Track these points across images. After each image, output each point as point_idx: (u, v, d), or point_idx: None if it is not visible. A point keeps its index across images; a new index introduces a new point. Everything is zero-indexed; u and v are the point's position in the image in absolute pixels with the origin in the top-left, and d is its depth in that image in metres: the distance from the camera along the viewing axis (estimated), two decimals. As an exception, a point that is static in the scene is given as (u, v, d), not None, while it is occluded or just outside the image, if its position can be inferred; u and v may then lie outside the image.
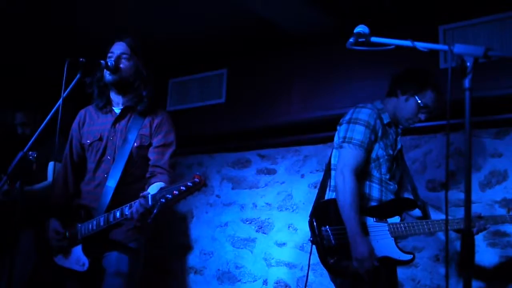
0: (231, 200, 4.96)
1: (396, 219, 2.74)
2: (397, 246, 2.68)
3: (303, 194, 4.51)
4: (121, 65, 2.85)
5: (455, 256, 3.57)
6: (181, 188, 2.29)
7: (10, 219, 3.76)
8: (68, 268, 2.77)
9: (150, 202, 2.38)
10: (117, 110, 2.93)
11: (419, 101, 2.86)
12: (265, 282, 4.53)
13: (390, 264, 2.69)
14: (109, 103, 2.96)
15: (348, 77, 4.16)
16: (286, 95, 4.46)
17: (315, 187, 4.24)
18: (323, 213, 2.78)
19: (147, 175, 2.80)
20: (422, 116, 2.90)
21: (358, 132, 2.79)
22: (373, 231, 2.71)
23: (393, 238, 2.69)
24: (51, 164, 4.07)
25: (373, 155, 2.85)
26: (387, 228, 2.70)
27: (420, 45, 1.88)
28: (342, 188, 2.69)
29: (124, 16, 4.11)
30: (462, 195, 1.74)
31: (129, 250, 2.75)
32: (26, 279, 3.83)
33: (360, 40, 1.98)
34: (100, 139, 2.89)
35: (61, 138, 2.70)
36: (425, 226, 2.75)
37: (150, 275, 5.02)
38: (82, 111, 3.08)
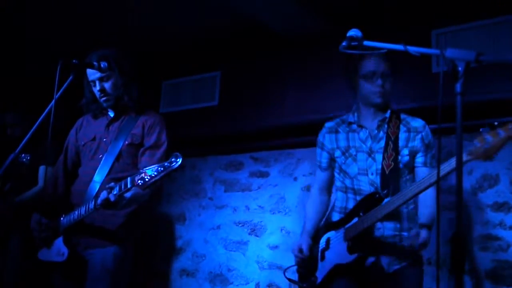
0: (224, 203, 4.96)
1: (355, 220, 2.62)
2: (347, 250, 2.60)
3: (296, 197, 4.52)
4: (107, 89, 2.90)
5: (447, 259, 3.58)
6: (159, 168, 2.30)
7: (0, 221, 3.76)
8: (50, 261, 2.79)
9: (129, 185, 2.39)
10: (111, 114, 3.01)
11: (361, 74, 2.74)
12: (257, 285, 4.53)
13: (342, 271, 2.65)
14: (105, 110, 3.03)
15: (342, 80, 4.17)
16: (279, 98, 4.46)
17: (308, 190, 4.25)
18: None
19: None
20: (378, 82, 2.71)
21: (316, 154, 3.00)
22: (332, 243, 2.73)
23: (346, 243, 2.61)
24: (42, 168, 4.05)
25: (336, 165, 2.88)
26: (342, 235, 2.66)
27: (412, 49, 1.88)
28: None
29: (117, 19, 4.11)
30: (453, 198, 1.74)
31: (115, 248, 2.75)
32: (18, 280, 3.82)
33: (353, 43, 1.99)
34: (94, 139, 2.97)
35: (53, 141, 2.70)
36: (373, 215, 2.52)
37: (142, 278, 5.00)
38: (80, 119, 3.16)
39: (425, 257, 3.76)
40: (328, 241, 2.76)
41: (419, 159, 2.73)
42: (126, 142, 2.85)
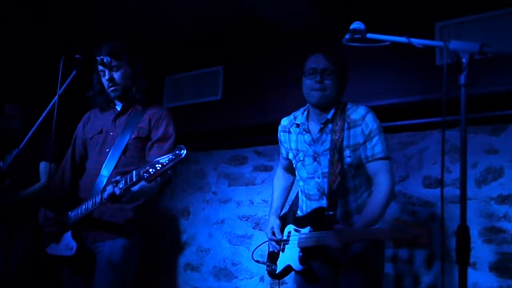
0: (228, 197, 4.96)
1: (306, 229, 2.69)
2: (298, 258, 2.66)
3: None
4: (116, 79, 2.90)
5: (451, 252, 3.58)
6: (163, 161, 2.30)
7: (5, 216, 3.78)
8: (59, 255, 2.80)
9: (134, 178, 2.39)
10: (118, 107, 3.01)
11: (303, 70, 2.72)
12: (261, 278, 4.53)
13: (292, 272, 2.78)
14: (112, 103, 3.03)
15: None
16: (282, 92, 4.45)
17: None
18: None
19: None
20: (317, 78, 2.64)
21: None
22: (291, 240, 2.79)
23: (298, 249, 2.68)
24: (43, 164, 4.04)
25: (295, 168, 2.90)
26: (297, 239, 2.71)
27: (416, 41, 1.88)
28: None
29: (120, 14, 4.10)
30: (458, 192, 1.74)
31: (123, 240, 2.76)
32: (22, 275, 3.83)
33: (356, 36, 1.99)
34: (100, 132, 2.98)
35: (56, 137, 2.70)
36: (323, 238, 2.54)
37: (146, 272, 5.02)
38: (87, 113, 3.18)
39: (429, 250, 3.77)
40: (288, 234, 2.82)
41: (362, 154, 2.62)
42: (133, 136, 2.86)
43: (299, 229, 2.75)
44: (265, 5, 3.86)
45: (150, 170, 2.31)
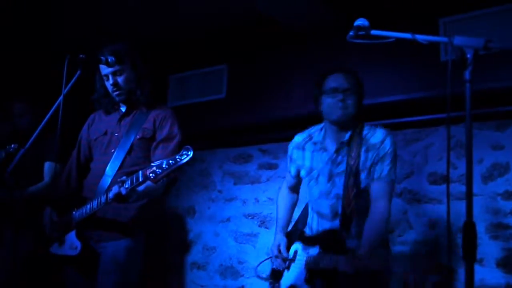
0: (233, 195, 4.96)
1: (315, 250, 2.67)
2: (304, 280, 2.65)
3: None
4: (120, 83, 2.90)
5: (458, 249, 3.57)
6: (170, 162, 2.31)
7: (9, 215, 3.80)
8: (63, 255, 2.81)
9: (140, 178, 2.39)
10: (123, 109, 3.02)
11: (323, 90, 2.72)
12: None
13: None
14: (116, 105, 3.03)
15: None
16: (286, 90, 4.45)
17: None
18: None
19: None
20: (339, 97, 2.65)
21: (287, 161, 3.05)
22: (298, 259, 2.77)
23: (305, 270, 2.66)
24: (47, 164, 4.05)
25: (306, 186, 2.90)
26: (304, 259, 2.70)
27: (420, 37, 1.88)
28: None
29: (125, 12, 4.11)
30: (464, 188, 1.74)
31: (127, 240, 2.76)
32: (8, 273, 3.83)
33: (360, 33, 1.98)
34: (105, 133, 2.98)
35: (60, 137, 2.70)
36: (333, 260, 2.51)
37: (153, 271, 5.03)
38: (92, 115, 3.18)
39: (435, 247, 3.76)
40: (295, 253, 2.81)
41: (371, 174, 2.65)
42: (138, 137, 2.86)
43: (307, 248, 2.74)
44: (269, 4, 3.86)
45: (157, 170, 2.31)
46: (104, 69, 2.89)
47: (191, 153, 2.30)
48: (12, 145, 3.56)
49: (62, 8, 4.05)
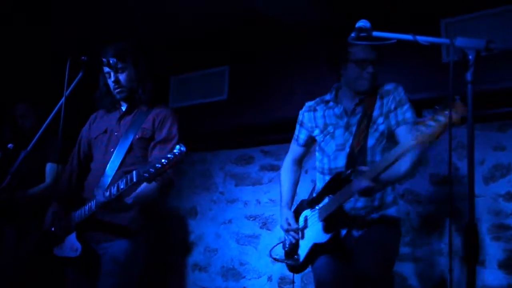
0: (235, 197, 4.96)
1: (326, 200, 2.69)
2: (323, 229, 2.66)
3: (307, 190, 4.50)
4: (121, 81, 2.91)
5: (460, 249, 3.57)
6: (163, 161, 2.31)
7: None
8: (63, 257, 2.81)
9: (134, 178, 2.40)
10: (123, 107, 3.02)
11: (353, 59, 2.72)
12: (269, 278, 4.53)
13: (320, 249, 2.71)
14: (117, 104, 3.04)
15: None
16: (288, 91, 4.45)
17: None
18: None
19: None
20: (369, 69, 2.71)
21: (295, 129, 3.08)
22: (310, 222, 2.79)
23: (321, 222, 2.67)
24: (49, 165, 4.05)
25: (317, 143, 2.92)
26: (317, 214, 2.71)
27: (422, 39, 1.88)
28: None
29: (125, 13, 4.12)
30: (466, 189, 1.74)
31: (128, 241, 2.76)
32: (9, 273, 3.83)
33: (361, 34, 1.99)
34: (105, 132, 2.99)
35: (63, 139, 2.71)
36: (344, 194, 2.53)
37: (154, 273, 5.03)
38: (93, 114, 3.19)
39: (437, 247, 3.76)
40: (305, 219, 2.83)
41: (392, 120, 2.68)
42: (137, 136, 2.87)
43: (316, 207, 2.75)
44: (269, 4, 3.86)
45: (150, 169, 2.32)
46: (106, 67, 2.90)
47: (183, 150, 2.31)
48: (9, 145, 3.56)
49: (62, 8, 4.05)
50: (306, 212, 2.85)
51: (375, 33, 1.97)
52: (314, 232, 2.74)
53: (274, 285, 4.51)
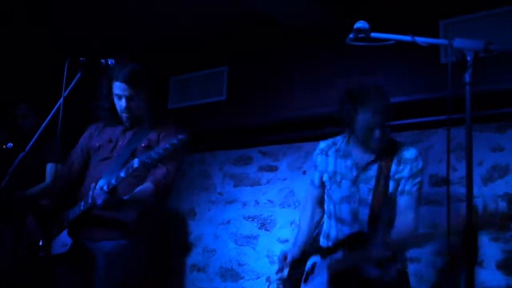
0: (233, 198, 4.96)
1: (339, 254, 2.67)
2: (327, 283, 2.64)
3: (305, 191, 4.50)
4: (132, 108, 2.91)
5: (459, 251, 3.57)
6: (166, 146, 2.33)
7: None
8: (53, 255, 2.81)
9: (136, 164, 2.42)
10: (128, 123, 3.01)
11: (362, 109, 2.60)
12: (268, 279, 4.53)
13: None
14: (120, 120, 3.02)
15: (349, 73, 4.16)
16: (287, 92, 4.45)
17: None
18: None
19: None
20: (377, 133, 2.62)
21: (312, 171, 3.05)
22: (317, 269, 2.76)
23: (327, 274, 2.65)
24: (50, 166, 4.05)
25: (327, 191, 2.89)
26: (326, 264, 2.69)
27: (420, 40, 1.87)
28: None
29: (125, 13, 4.11)
30: (464, 190, 1.74)
31: (126, 241, 2.76)
32: (7, 274, 3.83)
33: (360, 35, 1.98)
34: (110, 141, 2.99)
35: (62, 140, 2.70)
36: (359, 256, 2.56)
37: (152, 273, 5.02)
38: (93, 126, 3.18)
39: (436, 248, 3.76)
40: (313, 265, 2.80)
41: (401, 187, 2.69)
42: (143, 145, 2.86)
43: (328, 257, 2.72)
44: (269, 5, 3.86)
45: (152, 155, 2.34)
46: (119, 89, 2.87)
47: (184, 137, 2.33)
48: (8, 144, 3.56)
49: (62, 8, 4.05)
50: (316, 259, 2.81)
51: (374, 34, 1.97)
52: (318, 282, 2.70)
53: (272, 285, 4.51)
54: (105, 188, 2.52)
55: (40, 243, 2.92)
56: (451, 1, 3.67)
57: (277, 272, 2.92)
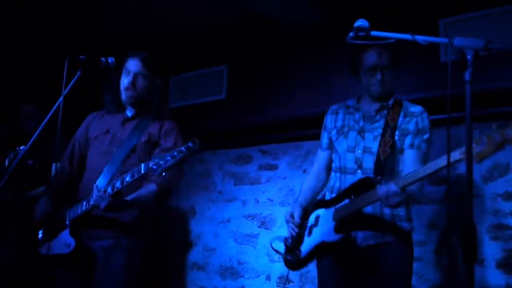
0: (233, 196, 4.96)
1: (345, 201, 2.66)
2: (334, 228, 2.65)
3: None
4: (137, 85, 2.90)
5: (459, 249, 3.57)
6: (174, 153, 2.29)
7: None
8: (55, 254, 2.78)
9: (142, 170, 2.40)
10: (129, 113, 3.02)
11: (363, 68, 2.78)
12: (268, 277, 4.53)
13: (326, 249, 2.71)
14: (121, 107, 3.01)
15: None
16: (286, 91, 4.45)
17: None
18: None
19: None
20: (378, 77, 2.74)
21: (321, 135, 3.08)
22: (321, 221, 2.77)
23: (334, 222, 2.66)
24: (54, 166, 4.05)
25: (334, 144, 2.93)
26: (331, 214, 2.70)
27: (420, 38, 1.87)
28: None
29: (125, 13, 4.11)
30: (464, 189, 1.74)
31: (127, 239, 2.76)
32: (10, 272, 3.83)
33: (360, 34, 1.98)
34: (107, 132, 2.97)
35: (62, 138, 2.70)
36: (365, 199, 2.56)
37: (152, 272, 5.02)
38: (92, 114, 3.17)
39: (436, 247, 3.76)
40: (317, 218, 2.82)
41: (407, 141, 2.74)
42: (143, 139, 2.86)
43: (330, 207, 2.73)
44: (269, 4, 3.86)
45: (160, 162, 2.29)
46: (130, 65, 2.91)
47: (196, 145, 2.29)
48: (22, 147, 3.56)
49: (62, 8, 4.05)
50: (320, 212, 2.82)
51: (374, 33, 1.97)
52: (324, 231, 2.72)
53: (272, 284, 4.51)
54: (109, 191, 2.52)
55: (39, 236, 2.91)
56: (451, 0, 3.66)
57: (289, 234, 2.91)
